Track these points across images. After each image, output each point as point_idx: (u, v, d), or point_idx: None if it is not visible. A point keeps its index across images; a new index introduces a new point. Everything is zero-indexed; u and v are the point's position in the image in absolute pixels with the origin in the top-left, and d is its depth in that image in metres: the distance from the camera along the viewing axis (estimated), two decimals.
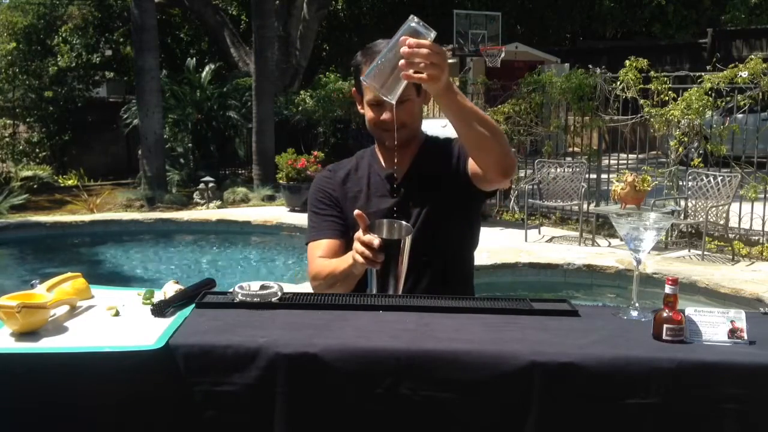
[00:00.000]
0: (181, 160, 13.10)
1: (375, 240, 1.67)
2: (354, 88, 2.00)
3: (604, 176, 9.11)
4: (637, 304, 1.59)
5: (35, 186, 11.80)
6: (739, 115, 7.91)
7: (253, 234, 9.42)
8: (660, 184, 7.92)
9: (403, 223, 1.76)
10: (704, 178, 7.20)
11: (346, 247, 1.90)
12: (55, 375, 1.35)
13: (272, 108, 12.18)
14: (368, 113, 1.92)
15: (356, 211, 1.74)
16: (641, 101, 7.98)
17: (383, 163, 2.01)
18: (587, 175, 8.52)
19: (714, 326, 1.43)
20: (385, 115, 1.87)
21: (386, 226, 1.72)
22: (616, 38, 20.98)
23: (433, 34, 1.55)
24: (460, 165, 1.93)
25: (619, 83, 8.21)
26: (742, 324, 1.42)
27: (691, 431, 1.33)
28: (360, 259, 1.68)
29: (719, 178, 7.08)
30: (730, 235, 7.15)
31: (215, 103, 13.08)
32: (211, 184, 10.98)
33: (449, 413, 1.34)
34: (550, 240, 7.99)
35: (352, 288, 1.87)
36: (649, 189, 7.41)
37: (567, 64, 14.89)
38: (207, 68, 13.54)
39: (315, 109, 13.22)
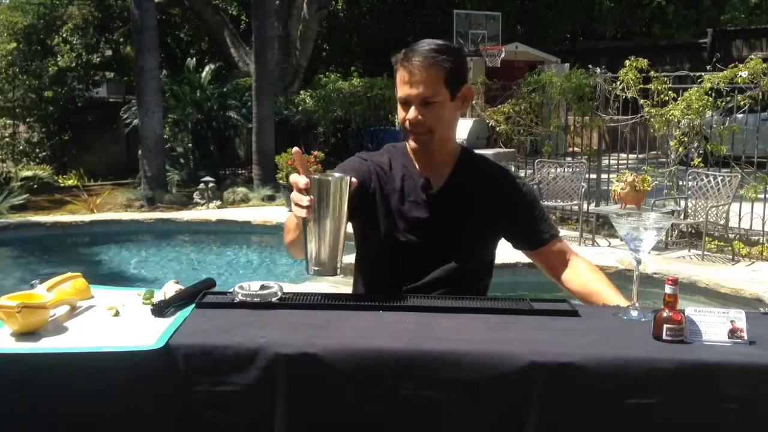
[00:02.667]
0: (181, 160, 13.10)
1: (300, 179, 1.55)
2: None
3: (604, 176, 9.11)
4: (637, 304, 1.59)
5: (35, 186, 11.79)
6: (739, 115, 7.91)
7: (253, 234, 9.41)
8: (660, 184, 7.92)
9: (339, 174, 1.64)
10: (704, 178, 7.20)
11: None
12: (56, 375, 1.35)
13: (272, 108, 12.18)
14: (399, 112, 1.85)
15: (294, 148, 1.67)
16: (641, 101, 7.98)
17: (417, 167, 1.92)
18: (587, 175, 8.52)
19: (714, 326, 1.43)
20: (410, 114, 1.80)
21: (321, 174, 1.60)
22: (616, 38, 20.97)
23: None
24: (513, 214, 1.93)
25: (619, 83, 8.21)
26: (742, 324, 1.42)
27: (691, 431, 1.33)
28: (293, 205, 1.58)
29: (719, 178, 7.08)
30: (730, 235, 7.14)
31: (215, 103, 13.07)
32: (211, 184, 10.98)
33: (449, 413, 1.34)
34: None
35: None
36: (649, 189, 7.41)
37: (567, 64, 14.90)
38: (207, 68, 13.54)
39: (315, 109, 13.23)
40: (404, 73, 1.79)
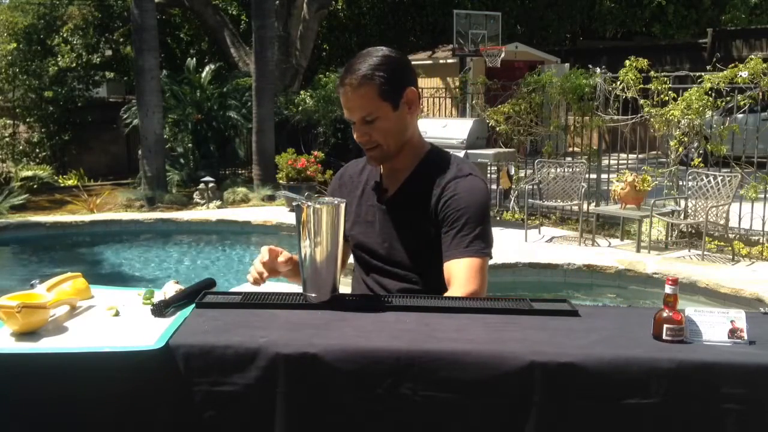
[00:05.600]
0: (181, 160, 13.10)
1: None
2: None
3: (604, 176, 9.11)
4: None
5: (35, 186, 11.79)
6: (739, 115, 7.91)
7: (253, 234, 9.42)
8: (660, 184, 7.92)
9: (334, 200, 1.64)
10: (704, 178, 7.20)
11: None
12: (55, 375, 1.35)
13: (272, 108, 12.18)
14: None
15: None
16: (641, 101, 7.98)
17: (381, 172, 1.96)
18: (587, 175, 8.52)
19: (714, 326, 1.43)
20: (355, 135, 1.83)
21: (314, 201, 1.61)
22: (616, 38, 20.99)
23: None
24: (438, 209, 1.81)
25: (619, 83, 8.21)
26: (742, 324, 1.42)
27: (691, 431, 1.33)
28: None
29: (719, 178, 7.08)
30: (730, 235, 7.15)
31: (215, 103, 13.07)
32: (211, 184, 10.98)
33: (449, 413, 1.34)
34: (550, 240, 7.99)
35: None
36: (649, 189, 7.41)
37: (567, 64, 14.90)
38: (207, 68, 13.54)
39: (315, 109, 13.22)
40: (342, 98, 1.81)
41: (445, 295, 1.74)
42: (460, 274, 1.73)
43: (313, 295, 1.61)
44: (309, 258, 1.60)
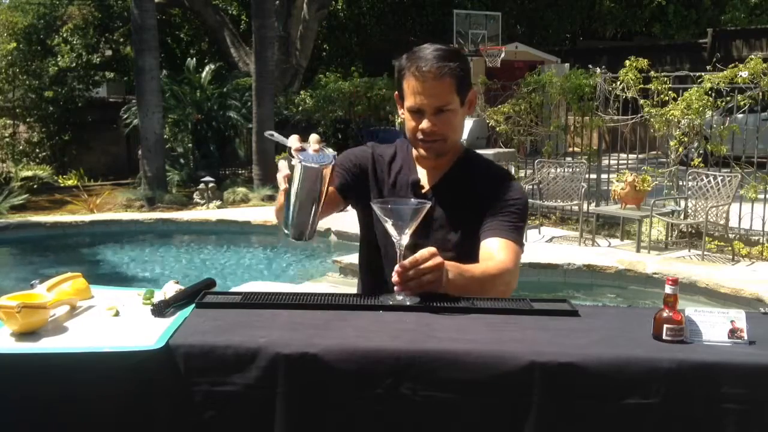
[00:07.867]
0: (181, 160, 13.10)
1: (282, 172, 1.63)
2: (396, 92, 1.91)
3: (604, 176, 9.11)
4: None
5: (35, 186, 11.79)
6: (739, 115, 7.92)
7: (253, 234, 9.42)
8: (660, 184, 7.93)
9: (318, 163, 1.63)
10: (704, 178, 7.20)
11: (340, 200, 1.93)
12: (55, 375, 1.35)
13: (272, 108, 12.18)
14: (408, 121, 1.85)
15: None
16: (641, 101, 7.98)
17: (416, 165, 1.94)
18: (587, 175, 8.52)
19: (714, 326, 1.42)
20: (424, 124, 1.80)
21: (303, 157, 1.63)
22: (616, 38, 21.01)
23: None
24: (486, 201, 1.86)
25: (619, 83, 8.21)
26: (742, 324, 1.42)
27: (691, 431, 1.33)
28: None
29: (719, 178, 7.08)
30: (730, 235, 7.15)
31: (215, 103, 13.08)
32: (211, 184, 10.98)
33: (449, 413, 1.34)
34: (550, 240, 7.99)
35: None
36: (649, 189, 7.41)
37: (567, 64, 14.91)
38: (207, 68, 13.55)
39: (315, 109, 13.24)
40: (416, 84, 1.78)
41: (480, 263, 1.77)
42: (502, 251, 1.78)
43: (288, 232, 1.69)
44: (294, 205, 1.64)
